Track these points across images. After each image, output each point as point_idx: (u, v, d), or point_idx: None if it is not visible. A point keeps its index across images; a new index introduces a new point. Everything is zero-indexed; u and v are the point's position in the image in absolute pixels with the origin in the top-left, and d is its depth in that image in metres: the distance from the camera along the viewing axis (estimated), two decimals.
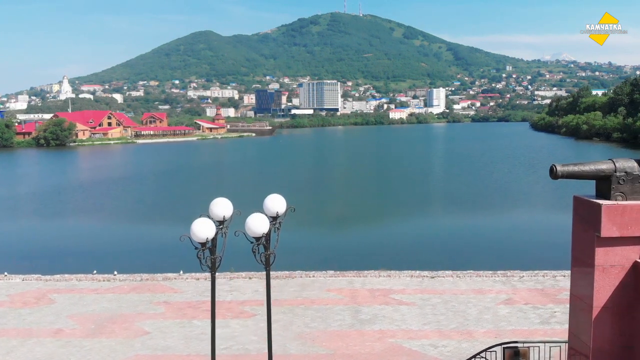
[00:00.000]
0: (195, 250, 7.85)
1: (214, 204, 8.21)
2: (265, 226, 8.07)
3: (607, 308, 6.99)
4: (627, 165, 7.21)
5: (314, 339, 15.21)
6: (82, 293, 19.78)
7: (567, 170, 7.17)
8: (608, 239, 6.91)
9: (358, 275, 21.23)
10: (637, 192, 7.11)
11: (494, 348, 8.76)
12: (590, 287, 7.01)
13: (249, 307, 17.87)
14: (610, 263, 6.96)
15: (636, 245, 6.99)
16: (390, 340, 15.13)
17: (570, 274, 7.61)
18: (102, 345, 15.15)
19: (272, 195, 8.65)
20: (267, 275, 8.87)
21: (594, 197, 7.31)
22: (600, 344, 7.02)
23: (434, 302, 17.97)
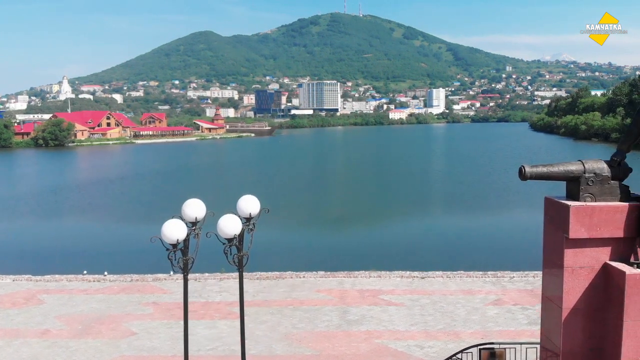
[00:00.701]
0: (167, 252, 7.82)
1: (186, 205, 8.19)
2: (237, 227, 8.04)
3: (576, 310, 6.97)
4: (596, 167, 7.19)
5: (301, 340, 15.20)
6: (71, 294, 19.76)
7: (535, 171, 7.15)
8: (577, 240, 6.89)
9: (348, 275, 21.22)
10: (607, 194, 7.09)
11: (470, 349, 8.74)
12: (560, 289, 6.99)
13: (237, 307, 17.80)
14: (580, 264, 6.94)
15: (606, 246, 6.98)
16: (376, 341, 15.12)
17: (542, 275, 7.59)
18: (87, 346, 15.13)
19: (245, 196, 8.63)
20: (240, 277, 8.85)
21: (564, 199, 7.29)
22: (570, 346, 7.00)
23: (422, 303, 17.95)
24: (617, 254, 7.08)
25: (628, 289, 6.58)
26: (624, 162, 7.63)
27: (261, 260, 26.69)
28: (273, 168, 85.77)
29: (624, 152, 7.66)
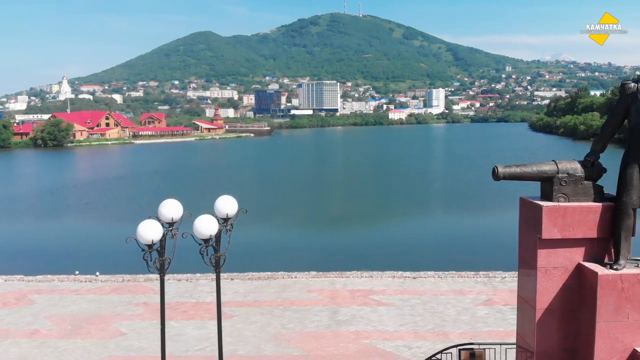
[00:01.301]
0: (142, 252, 7.81)
1: (162, 205, 8.19)
2: (213, 228, 8.03)
3: (550, 310, 6.97)
4: (569, 167, 7.19)
5: (289, 340, 15.19)
6: (62, 294, 19.77)
7: (509, 171, 7.14)
8: (550, 240, 6.89)
9: (340, 275, 21.21)
10: (580, 194, 7.09)
11: (450, 349, 8.73)
12: (534, 289, 6.99)
13: (228, 308, 17.79)
14: (553, 265, 6.94)
15: (579, 247, 6.98)
16: (365, 341, 15.11)
17: (518, 275, 7.58)
18: (76, 346, 15.13)
19: (223, 196, 8.61)
20: (217, 278, 8.84)
21: (539, 199, 7.29)
22: (544, 347, 7.00)
23: (412, 303, 17.95)
24: (591, 254, 7.08)
25: (600, 290, 6.58)
26: (598, 163, 7.64)
27: (253, 260, 26.76)
28: (269, 168, 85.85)
29: (597, 152, 7.67)
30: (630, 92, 7.49)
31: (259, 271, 22.09)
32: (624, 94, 7.55)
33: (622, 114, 7.61)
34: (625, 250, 7.12)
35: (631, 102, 7.42)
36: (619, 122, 7.70)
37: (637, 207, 7.27)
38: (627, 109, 7.50)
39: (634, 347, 6.67)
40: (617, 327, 6.68)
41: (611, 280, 6.62)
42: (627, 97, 7.50)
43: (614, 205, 7.22)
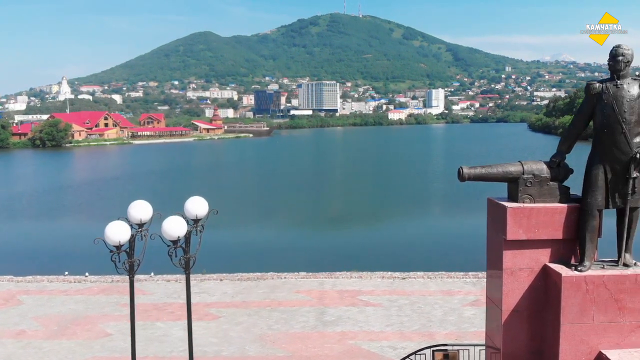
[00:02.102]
0: (110, 254, 7.79)
1: (131, 206, 8.17)
2: (181, 229, 8.01)
3: (516, 312, 6.94)
4: (535, 168, 7.17)
5: (275, 341, 15.16)
6: (51, 294, 19.75)
7: (474, 172, 7.12)
8: (515, 241, 6.87)
9: (330, 276, 21.18)
10: (546, 195, 7.06)
11: (423, 351, 8.71)
12: (500, 291, 6.97)
13: (215, 309, 17.81)
14: (519, 266, 6.91)
15: (545, 248, 6.95)
16: (350, 341, 15.08)
17: (486, 276, 7.56)
18: (61, 347, 15.11)
19: (193, 197, 8.59)
20: (187, 280, 8.82)
21: (505, 200, 7.26)
22: (511, 348, 6.97)
23: (400, 304, 17.92)
24: (557, 255, 7.05)
25: (564, 291, 6.55)
26: (564, 163, 7.62)
27: (244, 260, 26.77)
28: (264, 169, 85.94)
29: (563, 153, 7.65)
30: (595, 92, 7.47)
31: (249, 272, 22.10)
32: (589, 95, 7.55)
33: (588, 114, 7.60)
34: (590, 251, 7.10)
35: (596, 103, 7.41)
36: (585, 122, 7.69)
37: (603, 208, 7.25)
38: (592, 109, 7.49)
39: (600, 349, 6.64)
40: (582, 329, 6.66)
41: (575, 281, 6.60)
42: (592, 98, 7.49)
43: (580, 206, 7.21)
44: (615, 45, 7.46)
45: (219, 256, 27.14)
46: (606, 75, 7.65)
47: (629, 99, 7.19)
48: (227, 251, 29.40)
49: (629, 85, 7.29)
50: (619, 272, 6.87)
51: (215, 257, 26.68)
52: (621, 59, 7.33)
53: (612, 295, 6.67)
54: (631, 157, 7.15)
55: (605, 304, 6.69)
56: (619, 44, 7.46)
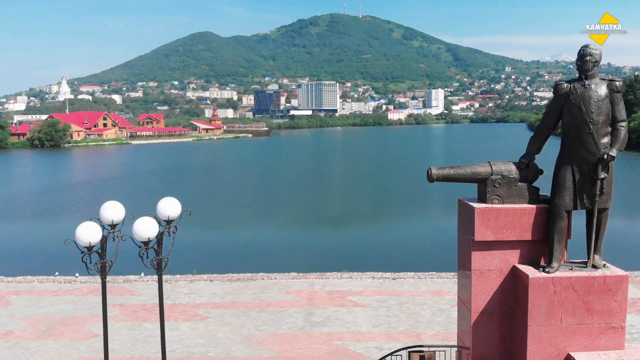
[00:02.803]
0: (81, 255, 7.78)
1: (103, 207, 8.15)
2: (152, 230, 7.99)
3: (486, 313, 6.91)
4: (504, 168, 7.14)
5: (261, 342, 15.13)
6: (41, 295, 19.73)
7: (442, 173, 7.09)
8: (483, 242, 6.84)
9: (320, 277, 21.15)
10: (515, 196, 7.03)
11: (399, 352, 8.69)
12: (469, 292, 6.93)
13: (204, 310, 17.79)
14: (488, 267, 6.88)
15: (514, 249, 6.92)
16: (337, 342, 15.05)
17: (457, 277, 7.53)
18: (48, 347, 15.09)
19: (165, 198, 8.56)
20: (160, 281, 8.79)
21: (475, 201, 7.24)
22: (481, 349, 6.94)
23: (389, 304, 17.89)
24: (526, 257, 7.02)
25: (532, 293, 6.52)
26: (534, 164, 7.58)
27: (235, 261, 26.75)
28: (260, 169, 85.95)
29: (532, 153, 7.62)
30: (562, 92, 7.44)
31: (239, 272, 22.08)
32: (557, 95, 7.51)
33: (556, 114, 7.56)
34: (558, 253, 7.06)
35: (564, 103, 7.37)
36: (554, 123, 7.64)
37: (571, 210, 7.21)
38: (560, 109, 7.45)
39: (569, 351, 6.60)
40: (550, 331, 6.62)
41: (542, 283, 6.56)
42: (560, 98, 7.45)
43: (548, 208, 7.16)
44: (584, 45, 7.44)
45: (210, 257, 27.16)
46: (606, 75, 7.60)
47: (596, 99, 7.15)
48: (219, 252, 29.40)
49: (597, 85, 7.26)
50: (587, 273, 6.83)
51: (206, 258, 26.70)
52: (589, 59, 7.30)
53: (580, 297, 6.63)
54: (599, 157, 7.09)
55: (574, 306, 6.65)
56: (587, 44, 7.43)
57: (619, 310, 6.66)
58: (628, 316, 16.80)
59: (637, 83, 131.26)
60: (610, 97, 7.25)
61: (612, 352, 6.58)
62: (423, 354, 7.91)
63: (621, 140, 7.17)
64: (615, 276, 6.75)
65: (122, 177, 74.92)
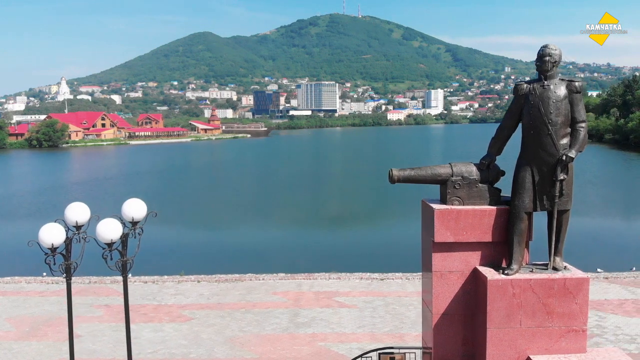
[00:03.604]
0: (45, 256, 7.75)
1: (68, 208, 8.12)
2: (116, 232, 7.96)
3: (447, 315, 6.87)
4: (464, 170, 7.11)
5: (244, 343, 15.09)
6: (27, 295, 19.71)
7: (404, 174, 7.07)
8: (443, 244, 6.80)
9: (308, 277, 21.11)
10: (475, 197, 7.00)
11: (369, 353, 8.66)
12: (431, 293, 6.89)
13: (189, 311, 17.75)
14: (448, 269, 6.84)
15: (475, 251, 6.88)
16: (320, 343, 15.02)
17: (421, 279, 7.50)
18: (30, 348, 15.07)
19: (130, 199, 8.53)
20: (125, 283, 8.76)
21: (437, 202, 7.20)
22: (442, 352, 6.90)
23: (375, 305, 17.86)
24: (488, 258, 6.97)
25: (490, 295, 6.47)
26: (495, 165, 7.53)
27: (222, 262, 26.70)
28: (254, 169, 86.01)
29: (493, 155, 7.56)
30: (522, 93, 7.40)
31: (227, 273, 22.05)
32: (517, 95, 7.46)
33: (516, 115, 7.50)
34: (518, 254, 6.99)
35: (524, 103, 7.32)
36: (514, 124, 7.58)
37: (531, 211, 7.15)
38: (520, 110, 7.39)
39: (528, 354, 6.55)
40: (510, 334, 6.56)
41: (501, 285, 6.51)
42: (519, 99, 7.41)
43: (509, 209, 7.11)
44: (543, 45, 7.41)
45: (198, 258, 27.12)
46: (605, 76, 7.50)
47: (555, 99, 7.09)
48: (207, 252, 29.35)
49: (556, 86, 7.22)
50: (546, 276, 6.77)
51: (195, 259, 26.65)
52: (548, 59, 7.27)
53: (540, 299, 6.58)
54: (558, 158, 7.02)
55: (533, 309, 6.60)
56: (546, 44, 7.40)
57: (579, 313, 6.61)
58: (615, 318, 16.84)
59: (635, 84, 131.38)
60: (569, 97, 7.21)
61: (572, 355, 6.53)
62: (393, 356, 7.87)
63: (581, 141, 7.12)
64: (575, 278, 6.70)
65: (117, 178, 74.90)
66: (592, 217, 39.95)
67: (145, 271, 22.17)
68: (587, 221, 38.37)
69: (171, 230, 38.08)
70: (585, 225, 37.02)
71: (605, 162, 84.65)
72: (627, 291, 19.09)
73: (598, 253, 27.65)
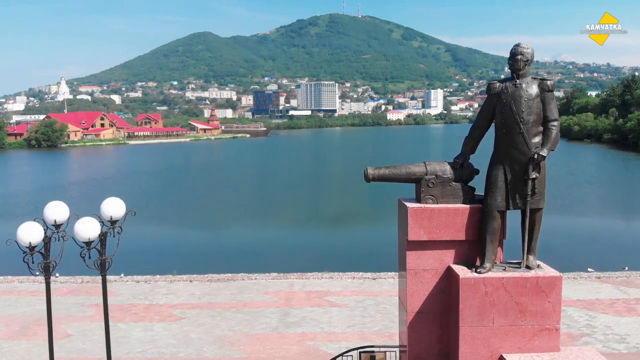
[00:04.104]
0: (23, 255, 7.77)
1: (46, 207, 8.15)
2: (93, 231, 7.98)
3: (422, 313, 6.89)
4: (438, 169, 7.14)
5: (233, 343, 15.12)
6: (19, 295, 19.74)
7: (378, 173, 7.10)
8: (418, 242, 6.82)
9: (300, 277, 21.14)
10: (449, 195, 7.02)
11: (350, 352, 8.67)
12: (405, 291, 6.91)
13: (179, 310, 17.77)
14: (423, 267, 6.86)
15: (449, 249, 6.89)
16: (309, 343, 15.04)
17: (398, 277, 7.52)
18: (20, 347, 15.10)
19: (108, 199, 8.55)
20: (103, 282, 8.77)
21: (413, 200, 7.23)
22: (417, 350, 6.91)
23: (366, 304, 17.88)
24: (462, 257, 6.99)
25: (462, 293, 6.48)
26: (469, 164, 7.54)
27: (215, 261, 26.70)
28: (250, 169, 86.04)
29: (466, 153, 7.57)
30: (495, 92, 7.41)
31: (220, 272, 22.07)
32: (490, 94, 7.48)
33: (489, 114, 7.51)
34: (491, 253, 7.01)
35: (496, 102, 7.33)
36: (487, 122, 7.59)
37: (504, 210, 7.17)
38: (493, 109, 7.41)
39: (501, 352, 6.55)
40: (482, 332, 6.57)
41: (473, 283, 6.52)
42: (492, 97, 7.42)
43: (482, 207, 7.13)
44: (515, 44, 7.42)
45: (190, 257, 27.12)
46: (605, 76, 7.50)
47: (527, 98, 7.10)
48: (200, 252, 29.37)
49: (528, 85, 7.22)
50: (519, 274, 6.78)
51: (187, 258, 26.66)
52: (520, 58, 7.28)
53: (512, 298, 6.59)
54: (529, 157, 7.03)
55: (506, 307, 6.61)
56: (518, 42, 7.42)
57: (552, 312, 6.62)
58: (605, 317, 16.86)
59: (634, 84, 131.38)
60: (541, 96, 7.21)
61: (545, 354, 6.53)
62: (374, 355, 7.89)
63: (552, 139, 7.13)
64: (548, 277, 6.71)
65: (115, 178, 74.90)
66: (589, 216, 40.02)
67: (138, 271, 22.21)
68: (584, 221, 38.43)
69: (164, 230, 38.10)
70: (581, 224, 37.08)
71: (603, 162, 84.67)
72: (618, 291, 19.10)
73: (592, 252, 27.70)
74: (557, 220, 37.67)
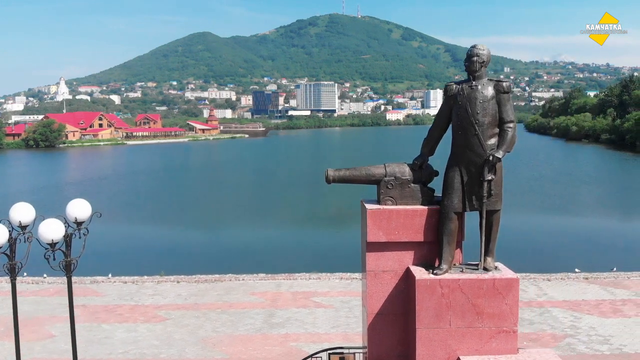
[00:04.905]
0: None
1: (12, 209, 8.16)
2: (57, 232, 8.00)
3: (381, 315, 6.90)
4: (397, 170, 7.16)
5: (216, 344, 15.12)
6: (6, 295, 19.68)
7: (339, 175, 7.14)
8: (376, 243, 6.85)
9: (288, 277, 21.14)
10: (408, 197, 7.04)
11: (319, 354, 8.69)
12: (365, 292, 6.93)
13: (164, 311, 17.78)
14: (382, 268, 6.88)
15: (408, 251, 6.91)
16: (292, 344, 15.05)
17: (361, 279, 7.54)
18: (3, 347, 15.11)
19: (74, 200, 8.57)
20: (69, 283, 8.79)
21: (374, 202, 7.25)
22: (377, 351, 6.93)
23: (352, 305, 17.88)
24: (421, 258, 7.00)
25: (418, 295, 6.49)
26: (428, 165, 7.57)
27: (203, 262, 26.69)
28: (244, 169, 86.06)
29: (425, 155, 7.60)
30: (451, 93, 7.44)
31: (207, 273, 22.06)
32: (447, 96, 7.51)
33: (446, 115, 7.54)
34: (448, 254, 7.02)
35: (453, 104, 7.35)
36: (445, 124, 7.61)
37: (460, 211, 7.18)
38: (450, 110, 7.44)
39: (458, 355, 6.56)
40: (439, 334, 6.57)
41: (429, 285, 6.53)
42: (449, 99, 7.45)
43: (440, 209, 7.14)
44: (472, 45, 7.44)
45: (178, 258, 27.11)
46: (605, 76, 7.51)
47: (482, 100, 7.11)
48: (187, 253, 29.37)
49: (484, 86, 7.24)
50: (476, 276, 6.78)
51: (175, 259, 26.64)
52: (476, 60, 7.30)
53: (469, 299, 6.59)
54: (485, 159, 7.03)
55: (462, 309, 6.61)
56: (475, 44, 7.44)
57: (510, 314, 6.62)
58: (590, 319, 16.85)
59: (632, 84, 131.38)
60: (497, 97, 7.23)
61: (503, 356, 6.53)
62: (343, 356, 7.90)
63: (508, 141, 7.14)
64: (505, 279, 6.71)
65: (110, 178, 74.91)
66: (582, 216, 40.03)
67: (125, 271, 22.22)
68: (576, 221, 38.45)
69: (154, 231, 38.07)
70: (573, 225, 37.08)
71: (600, 162, 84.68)
72: (605, 291, 19.08)
73: (581, 253, 27.70)
74: (549, 221, 37.73)
